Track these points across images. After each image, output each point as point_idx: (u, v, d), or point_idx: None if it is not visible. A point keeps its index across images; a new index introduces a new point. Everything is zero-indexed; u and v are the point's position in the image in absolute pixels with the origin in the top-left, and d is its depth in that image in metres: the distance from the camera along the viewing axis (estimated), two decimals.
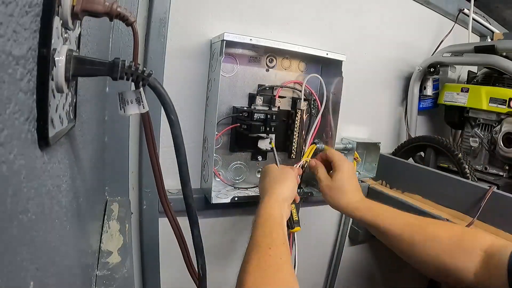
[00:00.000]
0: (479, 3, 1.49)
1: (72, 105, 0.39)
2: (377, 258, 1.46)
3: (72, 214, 0.40)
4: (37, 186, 0.27)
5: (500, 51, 1.15)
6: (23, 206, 0.24)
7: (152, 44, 0.83)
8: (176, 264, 0.91)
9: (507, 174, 1.19)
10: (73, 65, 0.32)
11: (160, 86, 0.41)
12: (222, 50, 0.84)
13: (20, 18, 0.22)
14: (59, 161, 0.34)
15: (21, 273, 0.23)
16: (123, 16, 0.36)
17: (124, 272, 0.60)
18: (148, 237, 0.92)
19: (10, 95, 0.21)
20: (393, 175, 1.22)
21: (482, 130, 1.25)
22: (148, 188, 0.89)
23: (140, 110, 0.42)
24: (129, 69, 0.37)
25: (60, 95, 0.32)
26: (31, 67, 0.25)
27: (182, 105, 0.92)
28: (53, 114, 0.30)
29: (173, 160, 0.47)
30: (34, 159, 0.26)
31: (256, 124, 0.92)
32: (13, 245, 0.22)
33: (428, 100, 1.41)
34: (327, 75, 1.05)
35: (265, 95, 0.99)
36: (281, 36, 1.02)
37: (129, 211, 0.83)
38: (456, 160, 1.13)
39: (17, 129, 0.23)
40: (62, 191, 0.35)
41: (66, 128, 0.35)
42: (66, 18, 0.30)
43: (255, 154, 1.04)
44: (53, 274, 0.31)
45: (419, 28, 1.38)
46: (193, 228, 0.55)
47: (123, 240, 0.69)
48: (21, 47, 0.23)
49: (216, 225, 1.05)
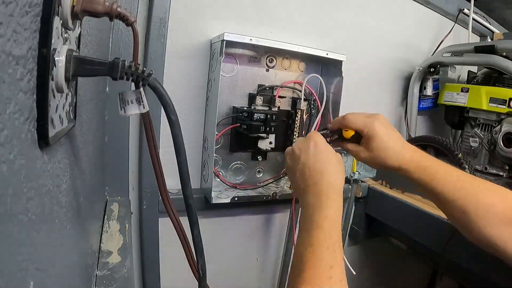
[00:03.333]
0: (479, 3, 1.49)
1: (72, 105, 0.39)
2: (377, 257, 1.46)
3: (72, 214, 0.40)
4: (37, 186, 0.27)
5: (500, 51, 1.15)
6: (23, 206, 0.24)
7: (152, 44, 0.83)
8: (176, 264, 0.91)
9: (507, 174, 1.19)
10: (73, 65, 0.32)
11: (160, 86, 0.41)
12: (222, 50, 0.84)
13: (20, 18, 0.22)
14: (59, 161, 0.34)
15: (21, 273, 0.23)
16: (123, 16, 0.36)
17: (124, 272, 0.60)
18: (148, 237, 0.92)
19: (10, 95, 0.21)
20: (393, 175, 1.20)
21: (482, 130, 1.25)
22: (148, 188, 0.89)
23: (141, 110, 0.42)
24: (129, 69, 0.37)
25: (60, 95, 0.32)
26: (31, 67, 0.25)
27: (182, 105, 0.92)
28: (53, 114, 0.30)
29: (173, 160, 0.47)
30: (34, 159, 0.26)
31: (256, 124, 0.92)
32: (13, 245, 0.22)
33: (428, 100, 1.41)
34: (327, 75, 1.05)
35: (265, 95, 0.99)
36: (281, 36, 1.02)
37: (129, 211, 0.83)
38: (456, 160, 1.13)
39: (17, 129, 0.23)
40: (62, 191, 0.35)
41: (66, 128, 0.35)
42: (66, 18, 0.30)
43: (255, 154, 1.04)
44: (53, 274, 0.31)
45: (419, 28, 1.38)
46: (193, 228, 0.54)
47: (123, 240, 0.69)
48: (21, 47, 0.23)
49: (216, 225, 1.05)
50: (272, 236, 1.18)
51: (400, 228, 1.13)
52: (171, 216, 0.56)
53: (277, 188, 1.03)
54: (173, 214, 0.56)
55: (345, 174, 0.72)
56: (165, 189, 0.54)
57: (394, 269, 1.54)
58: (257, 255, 1.17)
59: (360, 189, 1.23)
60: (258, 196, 0.99)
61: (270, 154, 1.06)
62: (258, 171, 1.07)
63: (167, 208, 0.55)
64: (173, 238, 0.61)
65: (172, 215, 0.56)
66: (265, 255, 1.18)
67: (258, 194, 0.99)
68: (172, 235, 0.59)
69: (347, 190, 1.23)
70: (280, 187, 1.04)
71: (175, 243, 0.61)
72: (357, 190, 1.23)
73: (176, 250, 0.63)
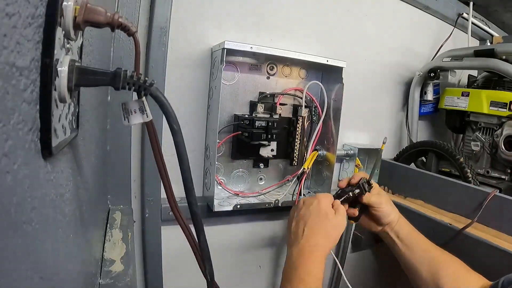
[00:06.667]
0: (478, 7, 1.50)
1: (75, 114, 0.39)
2: (380, 264, 1.45)
3: (75, 223, 0.40)
4: (41, 195, 0.27)
5: (499, 55, 1.15)
6: (27, 216, 0.24)
7: (153, 53, 0.83)
8: (179, 272, 0.91)
9: (509, 178, 1.18)
10: (76, 75, 0.32)
11: (162, 96, 0.41)
12: (223, 58, 0.84)
13: (23, 30, 0.23)
14: (62, 170, 0.34)
15: (26, 282, 0.23)
16: (125, 27, 0.36)
17: (127, 280, 0.60)
18: (151, 245, 0.91)
19: (14, 106, 0.22)
20: (395, 181, 1.22)
21: (483, 134, 1.25)
22: (150, 197, 0.89)
23: (144, 119, 0.42)
24: (131, 79, 0.37)
25: (63, 105, 0.32)
26: (34, 77, 0.25)
27: (183, 113, 0.92)
28: (56, 124, 0.30)
29: (175, 168, 0.47)
30: (38, 169, 0.27)
31: (258, 131, 0.92)
32: (18, 254, 0.22)
33: (429, 105, 1.41)
34: (327, 82, 1.05)
35: (266, 103, 0.99)
36: (282, 43, 1.03)
37: (131, 219, 0.83)
38: (458, 164, 1.13)
39: (21, 139, 0.23)
40: (65, 200, 0.35)
41: (69, 138, 0.35)
42: (68, 29, 0.31)
43: (257, 161, 1.04)
44: (57, 283, 0.31)
45: (419, 33, 1.39)
46: (199, 235, 0.55)
47: (126, 249, 0.69)
48: (24, 58, 0.23)
49: (219, 233, 1.05)
50: (275, 243, 1.17)
51: None
52: (181, 224, 0.56)
53: (279, 196, 1.02)
54: (183, 221, 0.56)
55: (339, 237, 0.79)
56: (173, 197, 0.54)
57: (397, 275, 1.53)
58: (260, 262, 1.17)
59: None
60: (260, 204, 0.98)
61: (272, 161, 1.06)
62: (260, 179, 1.07)
63: (176, 216, 0.55)
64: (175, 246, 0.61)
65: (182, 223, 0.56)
66: (267, 262, 1.18)
67: (260, 202, 0.99)
68: (175, 243, 0.59)
69: None
70: (282, 195, 1.03)
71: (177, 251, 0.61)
72: None
73: (179, 258, 0.63)
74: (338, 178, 1.25)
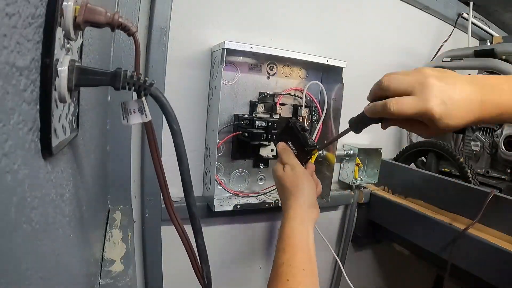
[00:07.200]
0: (477, 7, 1.50)
1: (75, 114, 0.39)
2: (380, 262, 1.45)
3: (75, 223, 0.40)
4: (41, 195, 0.27)
5: (499, 55, 1.15)
6: (27, 216, 0.24)
7: (153, 53, 0.83)
8: (179, 272, 0.91)
9: (509, 178, 1.18)
10: (76, 75, 0.32)
11: (162, 96, 0.41)
12: (223, 58, 0.85)
13: (24, 30, 0.23)
14: (62, 170, 0.34)
15: (26, 282, 0.23)
16: (125, 27, 0.36)
17: (127, 280, 0.60)
18: (151, 245, 0.91)
19: (14, 106, 0.22)
20: (395, 181, 1.22)
21: (483, 134, 1.25)
22: (150, 197, 0.89)
23: (143, 119, 0.42)
24: (131, 79, 0.37)
25: (63, 105, 0.32)
26: (34, 77, 0.25)
27: (183, 113, 0.92)
28: (56, 124, 0.30)
29: (175, 168, 0.47)
30: (38, 169, 0.27)
31: (258, 131, 0.93)
32: (18, 254, 0.22)
33: None
34: (327, 82, 1.05)
35: (266, 103, 0.99)
36: (282, 43, 1.03)
37: (131, 219, 0.83)
38: (458, 164, 1.13)
39: (21, 139, 0.23)
40: (65, 200, 0.35)
41: (69, 138, 0.35)
42: (68, 29, 0.31)
43: (257, 161, 1.04)
44: (57, 283, 0.31)
45: (419, 33, 1.39)
46: (196, 237, 0.54)
47: (126, 249, 0.69)
48: (24, 58, 0.23)
49: (219, 233, 1.05)
50: (275, 243, 1.17)
51: (402, 234, 1.12)
52: (176, 225, 0.56)
53: None
54: (178, 222, 0.56)
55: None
56: (169, 198, 0.54)
57: (397, 275, 1.53)
58: (260, 262, 1.17)
59: (363, 195, 1.23)
60: (260, 204, 0.98)
61: (272, 161, 1.06)
62: (260, 179, 1.07)
63: (171, 217, 0.55)
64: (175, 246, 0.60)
65: (176, 224, 0.56)
66: (267, 262, 1.18)
67: (260, 202, 0.99)
68: (175, 243, 0.59)
69: (349, 197, 1.22)
70: None
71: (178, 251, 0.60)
72: (360, 196, 1.23)
73: (179, 258, 0.63)
74: (338, 178, 1.25)
